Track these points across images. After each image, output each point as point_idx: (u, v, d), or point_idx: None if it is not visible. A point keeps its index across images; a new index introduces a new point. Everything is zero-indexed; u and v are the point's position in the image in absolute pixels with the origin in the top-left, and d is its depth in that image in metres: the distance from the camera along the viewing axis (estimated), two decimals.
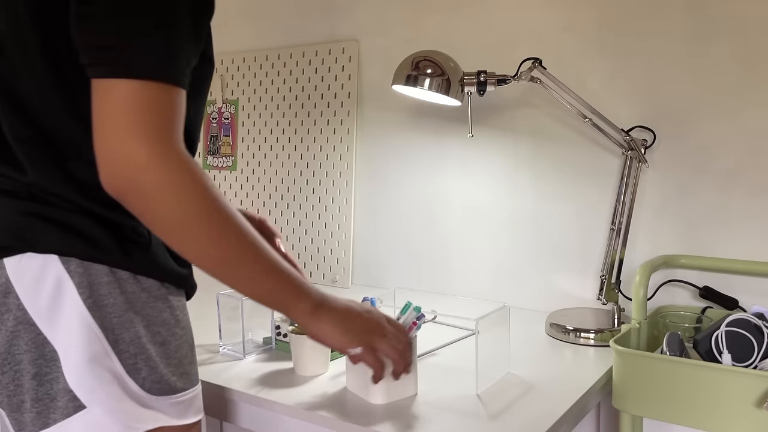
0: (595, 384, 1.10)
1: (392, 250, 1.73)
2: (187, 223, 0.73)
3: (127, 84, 0.70)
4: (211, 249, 0.75)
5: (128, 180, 0.70)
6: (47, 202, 0.79)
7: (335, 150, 1.78)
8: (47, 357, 0.77)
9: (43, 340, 0.77)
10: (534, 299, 1.53)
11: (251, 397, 1.06)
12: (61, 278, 0.77)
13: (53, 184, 0.79)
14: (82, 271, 0.78)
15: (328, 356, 1.14)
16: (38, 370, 0.77)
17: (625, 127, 1.34)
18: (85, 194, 0.79)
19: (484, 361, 1.07)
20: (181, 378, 0.84)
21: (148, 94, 0.71)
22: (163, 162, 0.71)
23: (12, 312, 0.78)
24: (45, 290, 0.77)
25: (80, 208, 0.79)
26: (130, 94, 0.70)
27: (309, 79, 1.81)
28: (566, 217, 1.48)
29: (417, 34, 1.64)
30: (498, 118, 1.54)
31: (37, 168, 0.79)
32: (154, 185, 0.71)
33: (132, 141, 0.70)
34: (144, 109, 0.70)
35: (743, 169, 1.28)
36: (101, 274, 0.79)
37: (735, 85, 1.28)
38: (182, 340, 0.85)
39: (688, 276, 1.34)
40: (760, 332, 1.03)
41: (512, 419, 0.96)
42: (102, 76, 0.71)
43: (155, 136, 0.71)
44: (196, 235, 0.74)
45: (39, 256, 0.77)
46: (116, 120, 0.70)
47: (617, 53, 1.39)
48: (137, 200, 0.72)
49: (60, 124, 0.78)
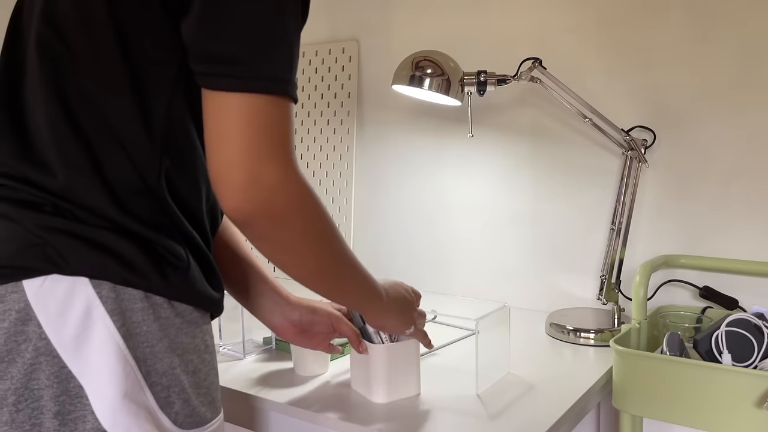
0: (595, 384, 1.10)
1: (392, 250, 1.73)
2: (308, 245, 0.74)
3: (252, 99, 0.67)
4: (322, 266, 0.77)
5: (257, 202, 0.67)
6: (76, 218, 0.71)
7: (335, 150, 1.78)
8: (71, 393, 0.70)
9: (67, 374, 0.69)
10: (534, 299, 1.53)
11: (251, 397, 1.06)
12: (91, 304, 0.70)
13: (86, 193, 0.72)
14: (115, 296, 0.70)
15: (328, 356, 1.14)
16: (61, 408, 0.69)
17: (625, 127, 1.34)
18: (122, 207, 0.72)
19: (485, 361, 1.07)
20: (210, 407, 0.79)
21: (272, 109, 0.68)
22: (290, 183, 0.69)
23: (32, 342, 0.69)
24: (72, 318, 0.69)
25: (114, 225, 0.72)
26: (254, 110, 0.67)
27: (309, 79, 1.81)
28: (566, 217, 1.48)
29: (417, 34, 1.64)
30: (498, 118, 1.54)
31: (73, 171, 0.72)
32: (283, 207, 0.69)
33: (260, 161, 0.67)
34: (269, 126, 0.68)
35: (743, 169, 1.28)
36: (135, 299, 0.71)
37: (735, 85, 1.28)
38: (210, 366, 0.79)
39: (688, 276, 1.34)
40: (760, 332, 1.03)
41: (512, 419, 0.96)
42: (224, 89, 0.68)
43: (282, 155, 0.68)
44: (313, 255, 0.75)
45: (66, 279, 0.69)
46: (241, 138, 0.67)
47: (617, 53, 1.39)
48: (264, 223, 0.69)
49: (116, 123, 0.72)
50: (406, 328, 0.98)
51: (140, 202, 0.73)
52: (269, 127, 0.68)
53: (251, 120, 0.67)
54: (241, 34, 0.68)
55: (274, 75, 0.69)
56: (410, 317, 0.98)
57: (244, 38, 0.68)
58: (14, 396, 0.69)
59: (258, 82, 0.67)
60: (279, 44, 0.69)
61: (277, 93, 0.69)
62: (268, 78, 0.68)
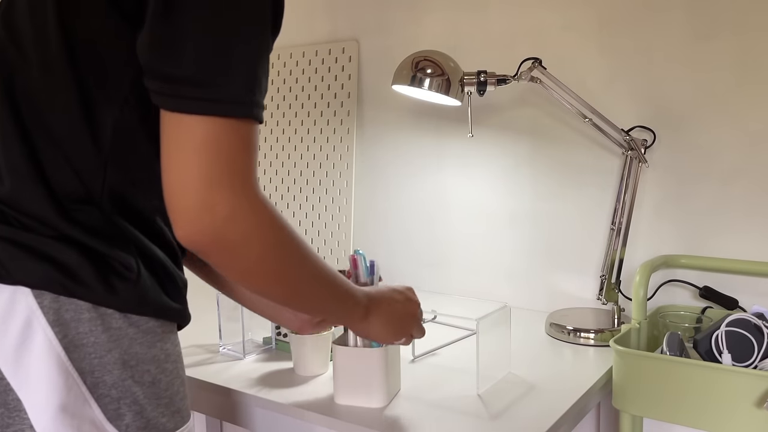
0: (595, 384, 1.10)
1: (392, 250, 1.73)
2: (272, 271, 0.71)
3: (209, 122, 0.64)
4: (290, 290, 0.74)
5: (208, 234, 0.64)
6: (22, 226, 0.69)
7: (335, 150, 1.78)
8: (10, 406, 0.68)
9: (5, 386, 0.68)
10: (534, 299, 1.53)
11: (251, 397, 1.06)
12: (32, 314, 0.67)
13: (31, 201, 0.69)
14: (57, 307, 0.68)
15: (328, 356, 1.14)
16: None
17: (625, 127, 1.34)
18: (67, 216, 0.70)
19: (485, 361, 1.07)
20: (173, 417, 0.75)
21: (231, 134, 0.64)
22: (247, 212, 0.66)
23: None
24: (12, 328, 0.67)
25: (59, 234, 0.69)
26: (211, 135, 0.64)
27: (309, 79, 1.81)
28: (566, 217, 1.48)
29: (417, 34, 1.64)
30: (498, 118, 1.54)
31: (17, 178, 0.70)
32: (238, 239, 0.66)
33: (214, 190, 0.64)
34: (228, 152, 0.64)
35: (743, 169, 1.28)
36: (81, 310, 0.69)
37: (735, 85, 1.28)
38: (173, 375, 0.76)
39: (688, 276, 1.34)
40: (760, 332, 1.03)
41: (513, 419, 0.96)
42: (181, 111, 0.64)
43: (239, 183, 0.65)
44: (278, 281, 0.72)
45: (7, 288, 0.67)
46: (196, 164, 0.63)
47: (617, 53, 1.39)
48: (218, 254, 0.66)
49: (60, 132, 0.70)
50: (395, 339, 0.93)
51: (86, 212, 0.70)
52: (228, 153, 0.64)
53: (208, 145, 0.63)
54: (199, 54, 0.64)
55: (236, 97, 0.65)
56: (401, 330, 0.93)
57: (201, 58, 0.64)
58: None
59: (217, 104, 0.64)
60: (241, 63, 0.65)
61: (238, 116, 0.65)
62: (228, 100, 0.64)
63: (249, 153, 0.66)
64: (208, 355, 1.23)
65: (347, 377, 1.00)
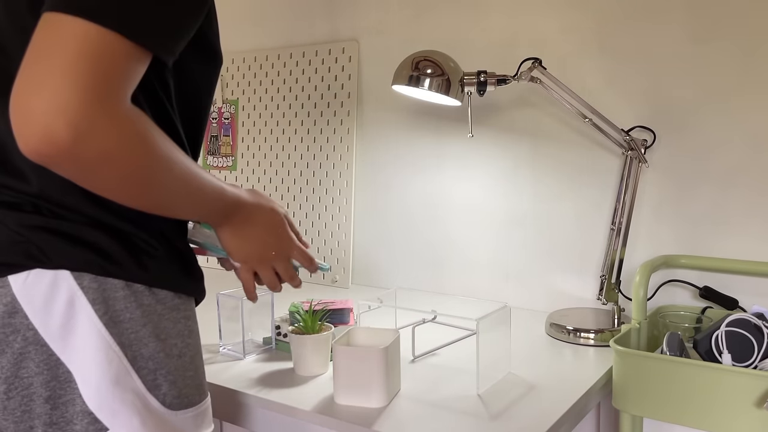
0: (595, 384, 1.10)
1: (392, 250, 1.73)
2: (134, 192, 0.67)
3: (84, 26, 0.60)
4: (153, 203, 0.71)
5: (62, 147, 0.60)
6: (55, 215, 0.74)
7: (335, 150, 1.78)
8: (61, 379, 0.74)
9: (56, 361, 0.73)
10: (534, 299, 1.53)
11: (251, 397, 1.06)
12: (73, 295, 0.73)
13: (61, 193, 0.74)
14: (96, 286, 0.74)
15: (328, 356, 1.14)
16: (51, 393, 0.73)
17: (625, 127, 1.34)
18: (96, 203, 0.74)
19: (485, 361, 1.07)
20: (197, 389, 0.82)
21: (105, 42, 0.61)
22: (107, 129, 0.61)
23: (20, 333, 0.73)
24: (57, 308, 0.73)
25: (91, 220, 0.74)
26: (81, 36, 0.60)
27: (309, 79, 1.81)
28: (566, 217, 1.48)
29: (417, 34, 1.64)
30: (498, 118, 1.54)
31: (43, 177, 0.74)
32: (96, 156, 0.62)
33: (73, 96, 0.59)
34: (95, 57, 0.60)
35: (743, 169, 1.28)
36: (117, 288, 0.75)
37: (735, 85, 1.28)
38: (195, 350, 0.82)
39: (688, 276, 1.34)
40: (760, 332, 1.03)
41: (513, 419, 0.96)
42: (58, 10, 0.60)
43: (104, 95, 0.60)
44: (141, 198, 0.69)
45: (48, 273, 0.73)
46: (58, 64, 0.59)
47: (617, 53, 1.39)
48: (72, 169, 0.62)
49: None
50: (235, 258, 0.87)
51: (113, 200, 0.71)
52: (94, 59, 0.60)
53: (75, 46, 0.59)
54: None
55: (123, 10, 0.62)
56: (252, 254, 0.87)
57: None
58: (5, 385, 0.73)
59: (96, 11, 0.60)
60: None
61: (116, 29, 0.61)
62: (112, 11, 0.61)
63: (120, 68, 0.62)
64: (208, 355, 1.23)
65: (347, 377, 1.00)
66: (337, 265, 1.77)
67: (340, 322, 1.24)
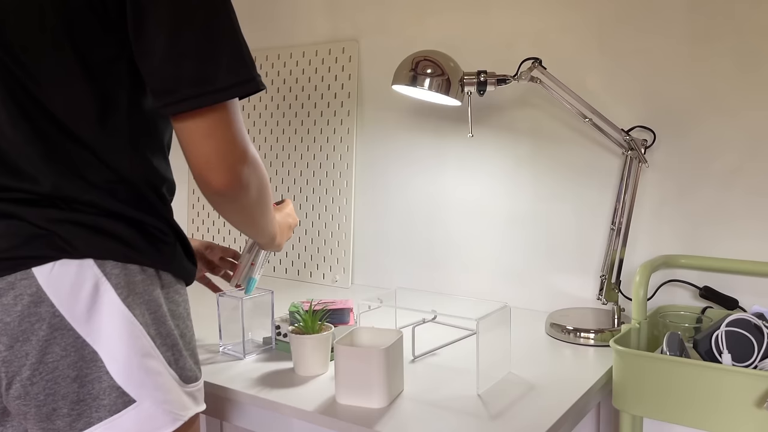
0: (595, 384, 1.10)
1: (392, 250, 1.73)
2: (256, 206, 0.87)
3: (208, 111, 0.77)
4: (257, 217, 0.91)
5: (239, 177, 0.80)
6: (73, 209, 0.80)
7: (335, 150, 1.78)
8: (87, 359, 0.79)
9: (82, 342, 0.78)
10: (534, 299, 1.53)
11: (251, 397, 1.06)
12: (98, 281, 0.79)
13: (74, 191, 0.79)
14: (117, 272, 0.80)
15: (328, 356, 1.14)
16: (78, 373, 0.78)
17: (625, 127, 1.34)
18: (111, 196, 0.81)
19: (485, 361, 1.07)
20: (196, 366, 0.90)
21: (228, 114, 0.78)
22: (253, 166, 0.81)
23: (45, 321, 0.77)
24: (83, 295, 0.78)
25: (107, 211, 0.81)
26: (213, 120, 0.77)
27: (309, 79, 1.81)
28: (566, 217, 1.48)
29: (417, 34, 1.64)
30: (498, 118, 1.54)
31: (55, 178, 0.79)
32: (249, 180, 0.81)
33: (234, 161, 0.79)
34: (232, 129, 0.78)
35: (743, 169, 1.28)
36: (135, 273, 0.81)
37: (735, 85, 1.28)
38: (192, 331, 0.90)
39: (688, 276, 1.34)
40: (760, 332, 1.03)
41: (513, 419, 0.96)
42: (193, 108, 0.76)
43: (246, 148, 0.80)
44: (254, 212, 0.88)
45: (74, 262, 0.78)
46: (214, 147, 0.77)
47: (617, 53, 1.39)
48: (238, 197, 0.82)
49: (85, 134, 0.79)
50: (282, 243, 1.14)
51: (123, 189, 0.82)
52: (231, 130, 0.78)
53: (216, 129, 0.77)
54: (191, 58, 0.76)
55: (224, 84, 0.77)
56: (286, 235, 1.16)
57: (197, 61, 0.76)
58: (29, 371, 0.78)
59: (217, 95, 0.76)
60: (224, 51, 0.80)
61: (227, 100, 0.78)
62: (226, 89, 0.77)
63: (241, 121, 0.80)
64: (208, 355, 1.23)
65: (348, 377, 1.00)
66: (337, 265, 1.77)
67: (340, 322, 1.24)
